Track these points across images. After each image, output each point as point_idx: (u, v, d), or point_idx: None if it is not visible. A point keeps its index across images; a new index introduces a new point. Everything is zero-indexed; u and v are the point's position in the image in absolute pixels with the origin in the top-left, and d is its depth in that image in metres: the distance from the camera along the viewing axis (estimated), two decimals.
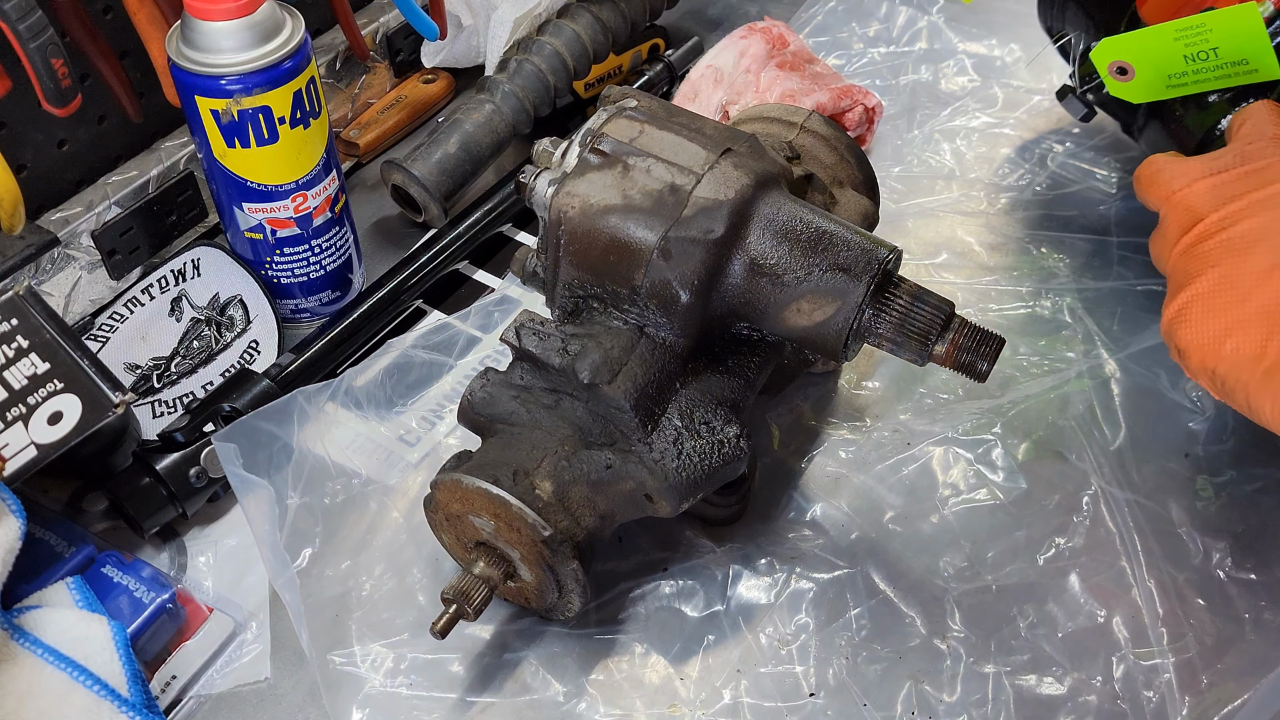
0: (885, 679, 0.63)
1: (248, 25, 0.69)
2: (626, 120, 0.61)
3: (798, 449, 0.74)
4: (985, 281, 0.85)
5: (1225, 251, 0.60)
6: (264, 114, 0.71)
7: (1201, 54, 0.72)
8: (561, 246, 0.60)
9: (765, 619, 0.65)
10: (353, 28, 0.88)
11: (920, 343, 0.59)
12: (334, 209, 0.80)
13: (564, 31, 0.95)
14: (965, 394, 0.77)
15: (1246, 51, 0.71)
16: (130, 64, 0.82)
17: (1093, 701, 0.62)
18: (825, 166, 0.71)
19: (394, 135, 0.98)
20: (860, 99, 0.91)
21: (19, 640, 0.59)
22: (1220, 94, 0.73)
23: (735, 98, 0.91)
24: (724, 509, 0.69)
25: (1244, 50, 0.71)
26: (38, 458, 0.63)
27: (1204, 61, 0.72)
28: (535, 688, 0.63)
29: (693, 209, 0.58)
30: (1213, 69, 0.73)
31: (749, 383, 0.63)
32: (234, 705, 0.63)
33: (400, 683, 0.63)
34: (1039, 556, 0.68)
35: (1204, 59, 0.72)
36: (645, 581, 0.67)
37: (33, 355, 0.64)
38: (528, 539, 0.59)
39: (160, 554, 0.69)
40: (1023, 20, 0.96)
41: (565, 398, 0.61)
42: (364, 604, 0.66)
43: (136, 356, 0.78)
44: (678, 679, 0.63)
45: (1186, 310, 0.60)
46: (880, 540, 0.69)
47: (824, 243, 0.59)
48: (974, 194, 0.92)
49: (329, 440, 0.73)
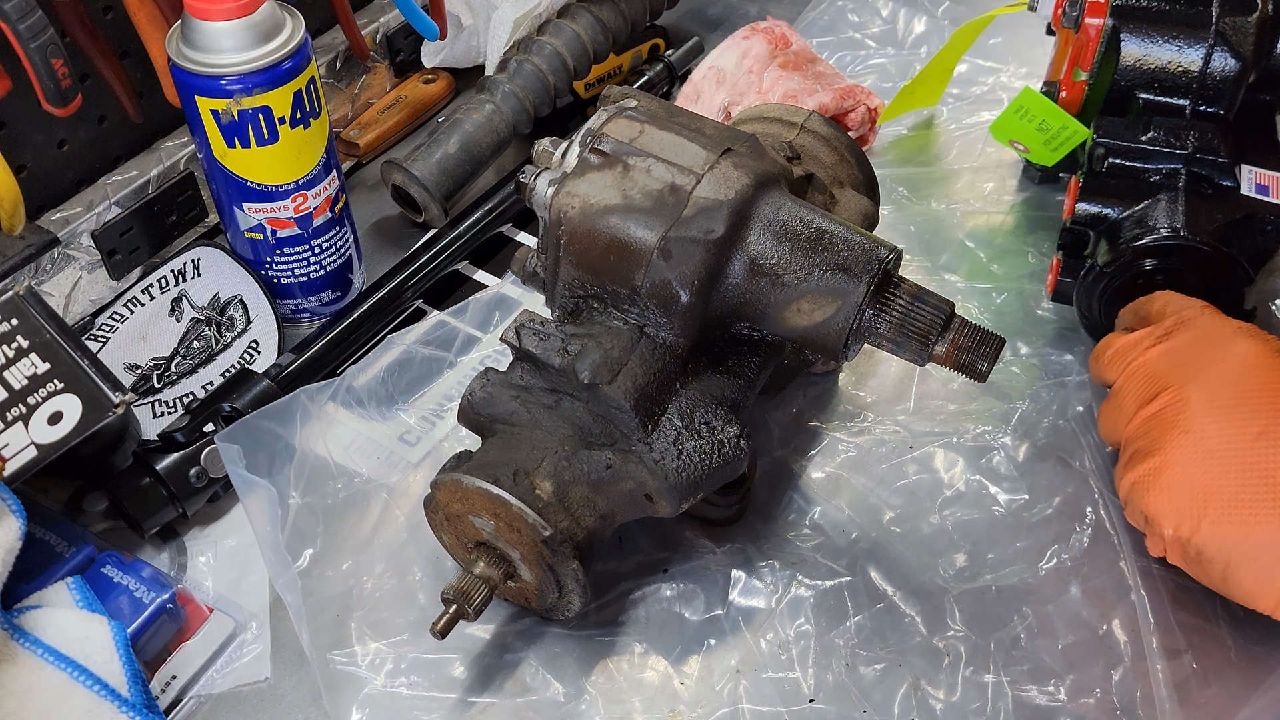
0: (885, 681, 0.63)
1: (248, 25, 0.69)
2: (627, 120, 0.61)
3: (798, 449, 0.74)
4: (986, 282, 0.85)
5: (1199, 417, 0.59)
6: (264, 114, 0.71)
7: (1042, 125, 0.83)
8: (561, 246, 0.60)
9: (765, 621, 0.65)
10: (353, 28, 0.88)
11: (920, 343, 0.58)
12: (334, 209, 0.80)
13: (564, 31, 0.95)
14: (966, 395, 0.77)
15: (1056, 119, 0.82)
16: (130, 64, 0.82)
17: (1090, 706, 0.62)
18: (825, 166, 0.71)
19: (394, 135, 0.98)
20: (863, 99, 0.91)
21: (19, 640, 0.59)
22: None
23: (738, 98, 0.91)
24: (724, 509, 0.69)
25: (1055, 119, 0.82)
26: (38, 458, 0.63)
27: (1048, 130, 0.83)
28: (535, 688, 0.63)
29: (693, 209, 0.58)
30: (1055, 134, 0.83)
31: (749, 383, 0.63)
32: (234, 705, 0.63)
33: (400, 683, 0.63)
34: (1039, 559, 0.68)
35: (1046, 129, 0.83)
36: (645, 582, 0.67)
37: (33, 355, 0.64)
38: (528, 539, 0.59)
39: (160, 554, 0.69)
40: (1023, 20, 0.96)
41: (565, 398, 0.61)
42: (365, 604, 0.66)
43: (136, 356, 0.78)
44: (677, 680, 0.63)
45: (1157, 476, 0.59)
46: (880, 541, 0.69)
47: (824, 243, 0.59)
48: (975, 194, 0.92)
49: (330, 440, 0.73)
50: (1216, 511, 0.57)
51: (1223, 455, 0.57)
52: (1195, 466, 0.58)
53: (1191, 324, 0.64)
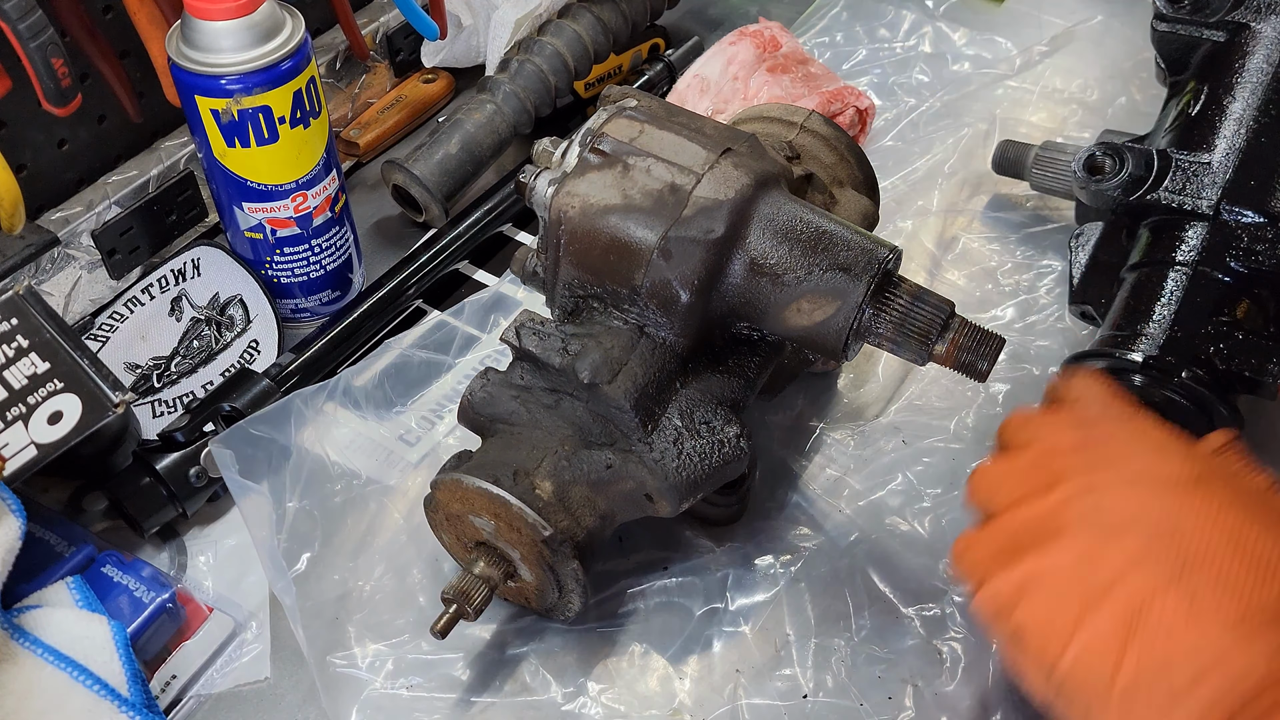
0: (883, 680, 0.63)
1: (248, 25, 0.69)
2: (626, 120, 0.61)
3: (798, 449, 0.74)
4: (986, 282, 0.85)
5: (1084, 524, 0.50)
6: (264, 114, 0.71)
7: None
8: (561, 246, 0.60)
9: (764, 619, 0.65)
10: (353, 27, 0.88)
11: (920, 342, 0.58)
12: (334, 209, 0.80)
13: (565, 31, 0.95)
14: (965, 394, 0.77)
15: None
16: (130, 64, 0.82)
17: None
18: (825, 166, 0.71)
19: (394, 135, 0.98)
20: (852, 101, 0.91)
21: (19, 640, 0.59)
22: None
23: (722, 106, 0.91)
24: (724, 509, 0.69)
25: None
26: (38, 458, 0.63)
27: None
28: (535, 688, 0.63)
29: (693, 209, 0.58)
30: None
31: (749, 383, 0.63)
32: (234, 705, 0.63)
33: (400, 684, 0.63)
34: None
35: None
36: (645, 581, 0.67)
37: (33, 355, 0.64)
38: (528, 539, 0.59)
39: (160, 554, 0.69)
40: (1023, 20, 0.96)
41: (565, 398, 0.61)
42: (364, 605, 0.66)
43: (136, 356, 0.78)
44: (677, 679, 0.63)
45: (1034, 584, 0.49)
46: (880, 541, 0.69)
47: (824, 242, 0.59)
48: (975, 194, 0.92)
49: (328, 441, 0.73)
50: (1086, 638, 0.47)
51: (1107, 574, 0.48)
52: (1076, 581, 0.49)
53: (1114, 434, 0.54)
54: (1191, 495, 0.49)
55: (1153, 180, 0.71)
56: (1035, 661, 0.50)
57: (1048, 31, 1.04)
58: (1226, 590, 0.46)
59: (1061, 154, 0.85)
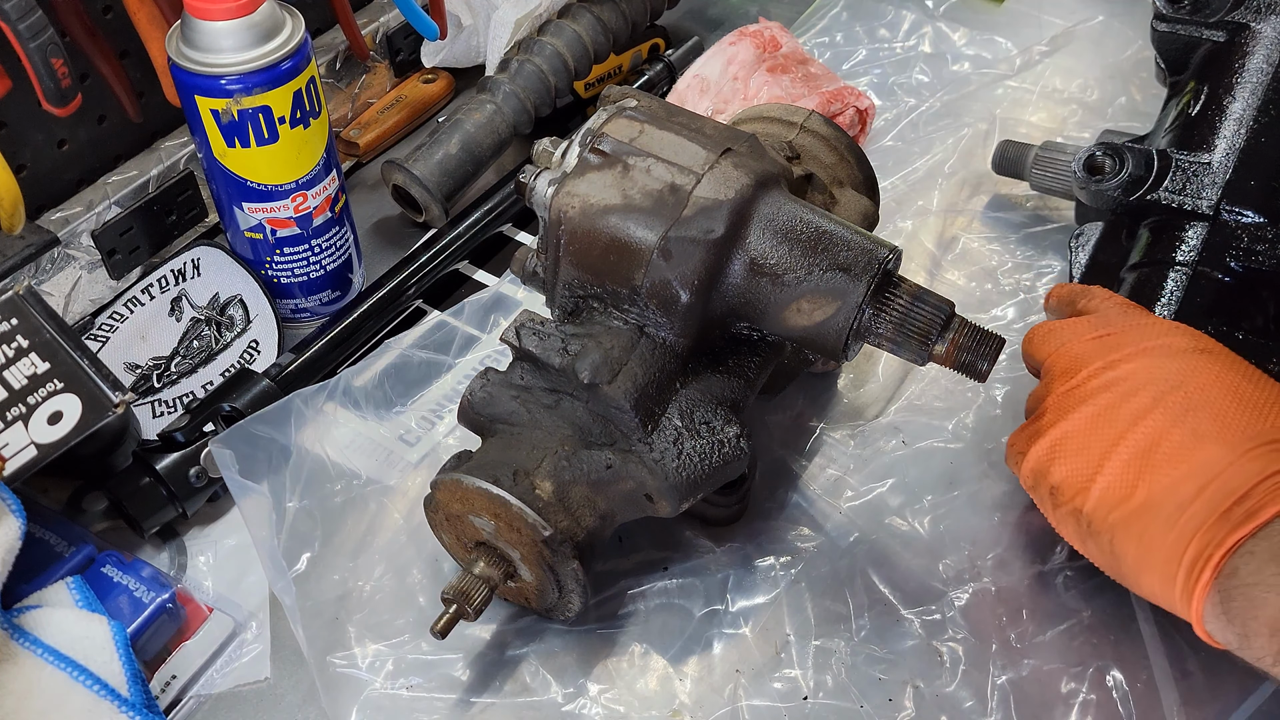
0: (883, 681, 0.63)
1: (247, 25, 0.69)
2: (626, 120, 0.61)
3: (797, 449, 0.74)
4: (985, 281, 0.85)
5: (1104, 390, 0.58)
6: (264, 114, 0.71)
7: None
8: (561, 246, 0.60)
9: (764, 620, 0.65)
10: (353, 27, 0.88)
11: (920, 342, 0.59)
12: (334, 209, 0.80)
13: (565, 31, 0.95)
14: (965, 395, 0.77)
15: None
16: (130, 64, 0.82)
17: (1091, 705, 0.62)
18: (825, 166, 0.71)
19: (394, 135, 0.98)
20: (852, 101, 0.91)
21: (19, 640, 0.59)
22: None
23: (722, 106, 0.91)
24: (724, 509, 0.69)
25: None
26: (38, 458, 0.63)
27: None
28: (535, 688, 0.63)
29: (693, 209, 0.58)
30: None
31: (749, 383, 0.63)
32: (234, 705, 0.63)
33: (400, 684, 0.63)
34: (1040, 560, 0.68)
35: None
36: (645, 581, 0.67)
37: (33, 355, 0.64)
38: (528, 539, 0.59)
39: (160, 554, 0.69)
40: (1023, 20, 0.96)
41: (565, 398, 0.61)
42: (364, 605, 0.66)
43: (136, 356, 0.78)
44: (677, 679, 0.63)
45: (1061, 446, 0.58)
46: (880, 541, 0.69)
47: (824, 242, 0.59)
48: (975, 194, 0.92)
49: (328, 441, 0.73)
50: (1105, 479, 0.56)
51: (1119, 425, 0.56)
52: (1092, 435, 0.57)
53: (1129, 324, 0.62)
54: (1196, 360, 0.57)
55: (1153, 180, 0.71)
56: (1068, 511, 0.58)
57: (1048, 31, 1.04)
58: (1224, 425, 0.54)
59: (1061, 154, 0.85)
